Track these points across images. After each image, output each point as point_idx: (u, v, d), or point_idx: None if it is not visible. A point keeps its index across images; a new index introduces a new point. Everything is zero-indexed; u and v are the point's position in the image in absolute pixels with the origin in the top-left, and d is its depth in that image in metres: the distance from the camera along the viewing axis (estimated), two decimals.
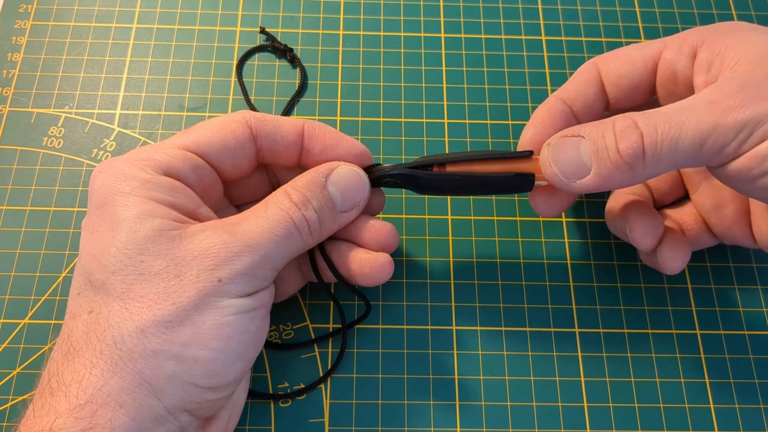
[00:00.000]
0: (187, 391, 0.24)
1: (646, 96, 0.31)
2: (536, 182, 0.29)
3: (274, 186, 0.31)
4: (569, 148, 0.27)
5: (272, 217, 0.26)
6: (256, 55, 0.40)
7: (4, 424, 0.30)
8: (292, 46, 0.40)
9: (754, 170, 0.24)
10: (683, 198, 0.34)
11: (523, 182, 0.29)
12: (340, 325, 0.33)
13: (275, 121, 0.29)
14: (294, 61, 0.39)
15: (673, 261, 0.30)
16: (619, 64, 0.30)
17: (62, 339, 0.25)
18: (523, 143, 0.31)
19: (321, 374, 0.32)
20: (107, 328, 0.24)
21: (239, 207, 0.32)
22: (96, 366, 0.23)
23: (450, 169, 0.29)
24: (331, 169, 0.28)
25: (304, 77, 0.37)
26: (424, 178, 0.29)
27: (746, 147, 0.24)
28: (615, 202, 0.32)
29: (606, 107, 0.32)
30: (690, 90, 0.29)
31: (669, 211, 0.34)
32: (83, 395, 0.23)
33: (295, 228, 0.27)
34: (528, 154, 0.29)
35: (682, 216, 0.33)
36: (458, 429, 0.31)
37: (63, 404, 0.23)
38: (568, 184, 0.27)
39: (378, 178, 0.30)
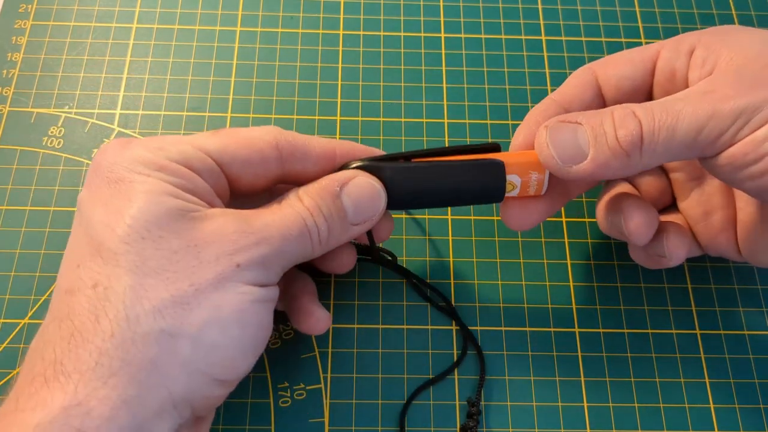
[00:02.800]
0: (198, 381, 0.23)
1: (645, 98, 0.31)
2: (507, 194, 0.28)
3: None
4: (567, 132, 0.27)
5: (287, 216, 0.26)
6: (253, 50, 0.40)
7: None
8: (292, 46, 0.40)
9: (749, 155, 0.24)
10: (670, 207, 0.34)
11: (493, 177, 0.28)
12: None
13: (305, 147, 0.28)
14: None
15: (681, 248, 0.30)
16: (620, 67, 0.30)
17: (59, 317, 0.23)
18: (516, 144, 0.30)
19: (321, 374, 0.32)
20: (120, 306, 0.22)
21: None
22: (105, 354, 0.21)
23: (415, 162, 0.28)
24: (348, 178, 0.27)
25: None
26: (390, 169, 0.28)
27: (742, 134, 0.24)
28: (606, 197, 0.32)
29: None
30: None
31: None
32: (84, 389, 0.21)
33: (307, 231, 0.26)
34: (495, 146, 0.28)
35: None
36: (458, 429, 0.31)
37: (57, 399, 0.21)
38: (564, 168, 0.27)
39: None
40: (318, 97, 0.39)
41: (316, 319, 0.29)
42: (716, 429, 0.32)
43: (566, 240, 0.36)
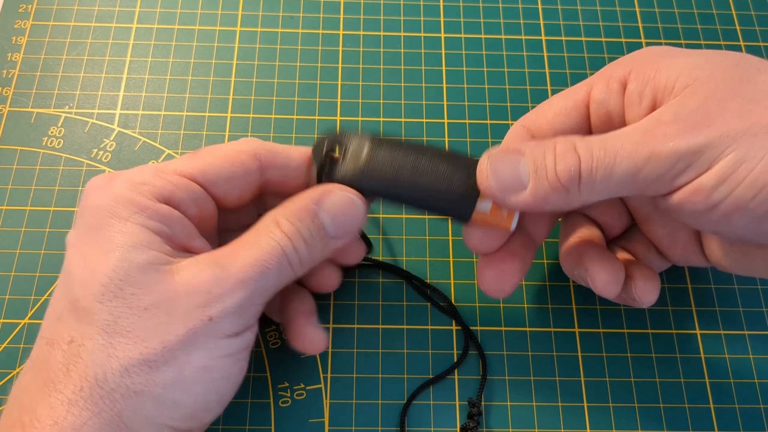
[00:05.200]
0: None
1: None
2: (479, 203, 0.27)
3: (260, 211, 0.30)
4: (509, 162, 0.26)
5: (264, 248, 0.25)
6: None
7: None
8: (292, 46, 0.40)
9: (699, 205, 0.24)
10: (632, 228, 0.33)
11: (469, 171, 0.27)
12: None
13: (285, 153, 0.28)
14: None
15: (650, 294, 0.29)
16: (552, 121, 0.29)
17: (37, 367, 0.24)
18: None
19: (321, 374, 0.32)
20: (90, 363, 0.23)
21: (224, 233, 0.30)
22: (75, 404, 0.22)
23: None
24: (324, 194, 0.27)
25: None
26: (376, 140, 0.27)
27: (684, 179, 0.24)
28: (568, 247, 0.31)
29: None
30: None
31: (620, 243, 0.32)
32: None
33: (286, 260, 0.25)
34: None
35: (634, 245, 0.32)
36: (458, 429, 0.31)
37: None
38: (504, 199, 0.26)
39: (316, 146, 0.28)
40: (318, 97, 0.39)
41: (311, 339, 0.29)
42: (716, 429, 0.32)
43: None
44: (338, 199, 0.27)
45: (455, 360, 0.33)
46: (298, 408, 0.31)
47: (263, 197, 0.30)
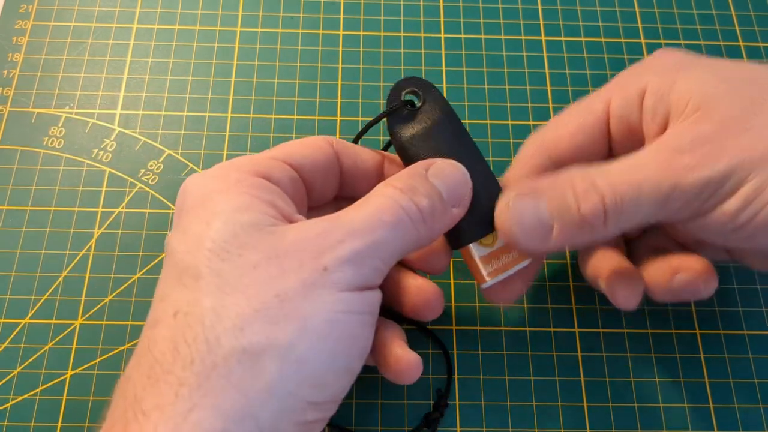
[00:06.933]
0: (288, 406, 0.21)
1: (605, 156, 0.30)
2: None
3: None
4: (529, 209, 0.26)
5: (377, 204, 0.24)
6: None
7: (5, 423, 0.30)
8: (292, 46, 0.40)
9: (725, 226, 0.25)
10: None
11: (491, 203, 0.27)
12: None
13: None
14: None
15: (711, 282, 0.28)
16: (570, 140, 0.29)
17: (140, 353, 0.22)
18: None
19: None
20: (199, 329, 0.21)
21: None
22: (185, 384, 0.20)
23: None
24: (429, 163, 0.27)
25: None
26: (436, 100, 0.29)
27: (709, 204, 0.25)
28: (587, 260, 0.30)
29: None
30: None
31: (646, 239, 0.32)
32: (164, 427, 0.19)
33: (406, 215, 0.24)
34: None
35: (658, 241, 0.31)
36: (458, 429, 0.31)
37: None
38: (531, 248, 0.26)
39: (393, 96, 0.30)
40: (318, 97, 0.39)
41: (407, 362, 0.27)
42: (716, 429, 0.32)
43: None
44: (444, 165, 0.27)
45: (455, 360, 0.33)
46: None
47: (339, 202, 0.30)
